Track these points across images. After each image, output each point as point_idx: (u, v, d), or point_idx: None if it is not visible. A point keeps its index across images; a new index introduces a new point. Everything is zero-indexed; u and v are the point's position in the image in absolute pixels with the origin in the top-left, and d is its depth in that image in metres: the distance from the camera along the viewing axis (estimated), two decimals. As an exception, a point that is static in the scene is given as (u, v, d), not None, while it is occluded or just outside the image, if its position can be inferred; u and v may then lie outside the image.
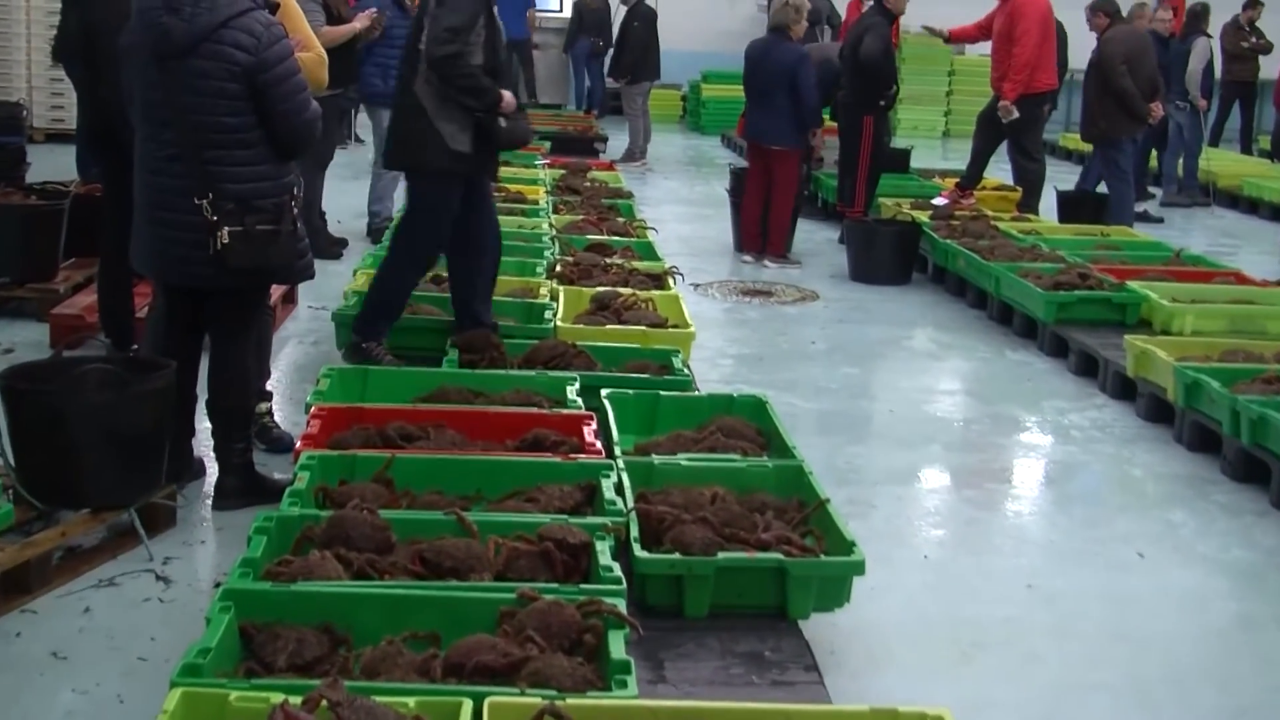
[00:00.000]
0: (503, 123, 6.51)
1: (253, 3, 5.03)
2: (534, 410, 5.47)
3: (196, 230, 4.95)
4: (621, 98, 16.11)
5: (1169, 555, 5.53)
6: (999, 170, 13.19)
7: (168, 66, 4.91)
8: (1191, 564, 5.46)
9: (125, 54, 5.12)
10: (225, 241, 4.93)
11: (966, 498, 6.20)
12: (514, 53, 21.17)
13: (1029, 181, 11.81)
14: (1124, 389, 7.54)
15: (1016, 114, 11.29)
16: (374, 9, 10.20)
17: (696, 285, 9.75)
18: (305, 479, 4.51)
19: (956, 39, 12.52)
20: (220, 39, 4.90)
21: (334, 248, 9.98)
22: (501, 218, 9.54)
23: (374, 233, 10.45)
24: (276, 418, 6.13)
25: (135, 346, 6.78)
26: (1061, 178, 14.32)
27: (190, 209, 4.94)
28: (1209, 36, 15.14)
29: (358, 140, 15.35)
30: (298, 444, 5.02)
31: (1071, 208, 12.19)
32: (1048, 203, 12.29)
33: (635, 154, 16.10)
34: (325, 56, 6.21)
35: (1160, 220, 13.72)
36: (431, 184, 6.58)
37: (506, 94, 6.50)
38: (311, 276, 5.52)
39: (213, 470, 5.46)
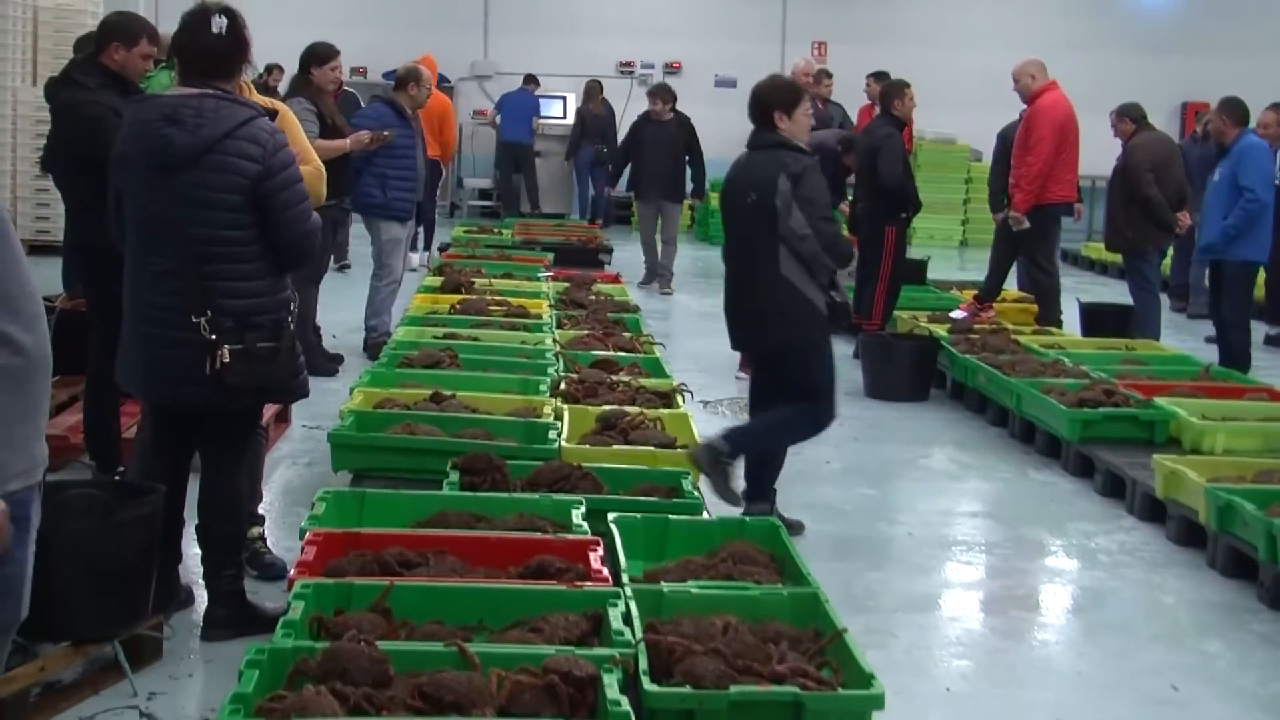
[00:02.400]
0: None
1: (254, 111, 5.11)
2: (538, 535, 5.47)
3: (193, 349, 4.98)
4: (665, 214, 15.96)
5: (1205, 689, 5.50)
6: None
7: (168, 179, 4.97)
8: (1229, 698, 5.43)
9: (117, 165, 5.17)
10: (225, 360, 4.96)
11: (991, 626, 6.19)
12: (517, 159, 21.48)
13: (1042, 293, 11.88)
14: (1153, 511, 7.53)
15: (1027, 224, 11.37)
16: (377, 128, 10.37)
17: (706, 403, 9.78)
18: (299, 608, 4.50)
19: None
20: (225, 149, 4.97)
21: (329, 364, 10.03)
22: (503, 333, 9.70)
23: (370, 348, 10.52)
24: (269, 543, 6.13)
25: (122, 469, 6.81)
26: (1084, 288, 14.39)
27: (186, 326, 4.98)
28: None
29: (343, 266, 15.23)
30: (291, 571, 5.02)
31: (1096, 320, 12.25)
32: (1072, 315, 12.34)
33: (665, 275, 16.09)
34: (324, 170, 6.31)
35: None
36: (825, 350, 6.79)
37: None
38: (307, 394, 5.56)
39: (201, 599, 5.46)
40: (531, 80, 21.47)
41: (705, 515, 6.11)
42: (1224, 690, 5.50)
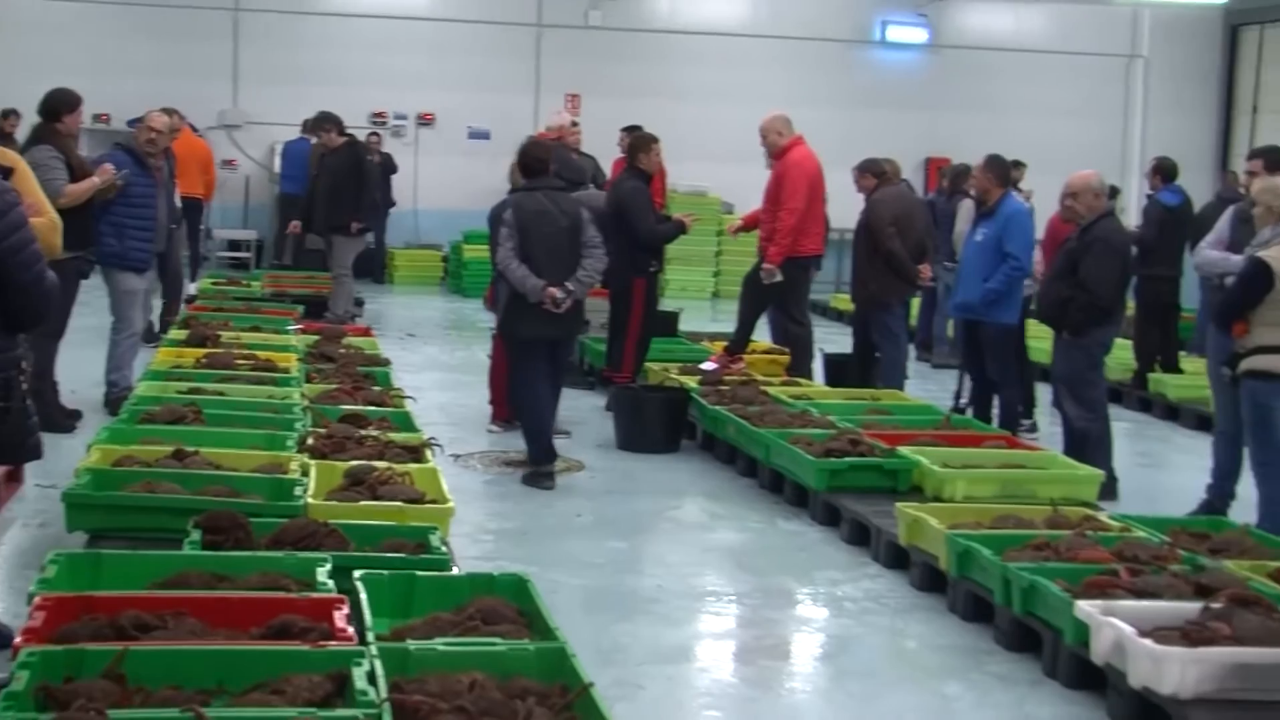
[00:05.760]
0: None
1: (-20, 168, 4.98)
2: (281, 595, 5.38)
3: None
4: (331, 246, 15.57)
5: (944, 731, 5.65)
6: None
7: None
8: (967, 739, 5.60)
9: None
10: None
11: (740, 676, 6.28)
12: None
13: (796, 345, 12.12)
14: (897, 558, 7.72)
15: (780, 278, 11.59)
16: (113, 166, 10.14)
17: (457, 456, 9.75)
18: (24, 678, 4.34)
19: (748, 225, 12.81)
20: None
21: (67, 420, 9.75)
22: (249, 388, 9.54)
23: (111, 403, 10.24)
24: (-4, 610, 5.92)
25: None
26: (833, 339, 14.71)
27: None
28: (973, 197, 15.78)
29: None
30: (17, 639, 4.84)
31: (839, 371, 12.55)
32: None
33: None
34: (59, 222, 6.14)
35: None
36: None
37: None
38: (39, 456, 5.40)
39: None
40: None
41: (454, 571, 6.08)
42: (963, 732, 5.66)
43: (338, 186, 15.06)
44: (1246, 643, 5.52)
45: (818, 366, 12.68)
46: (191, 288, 15.62)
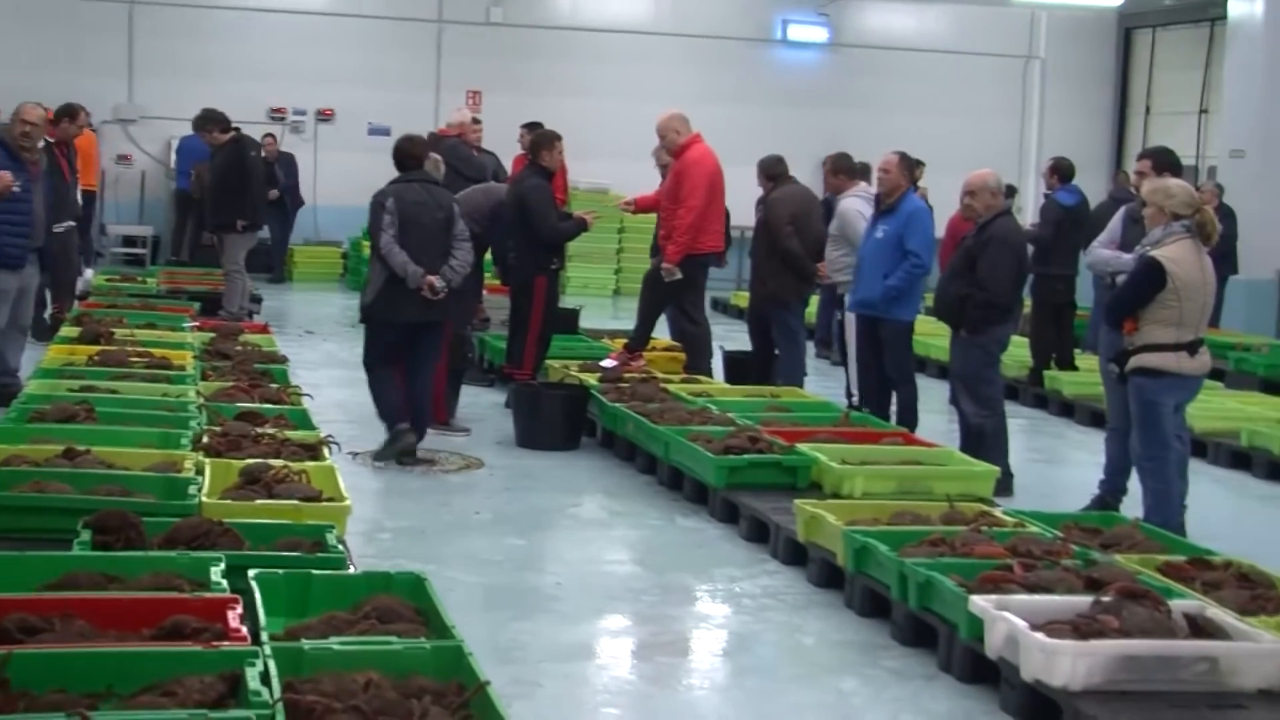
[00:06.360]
0: None
1: None
2: (173, 595, 5.31)
3: None
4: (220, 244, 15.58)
5: (840, 726, 5.69)
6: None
7: None
8: (863, 734, 5.64)
9: None
10: None
11: (638, 673, 6.28)
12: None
13: (691, 343, 12.14)
14: (796, 554, 7.75)
15: (679, 275, 11.62)
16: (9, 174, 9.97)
17: (355, 454, 9.68)
18: (-92, 682, 4.27)
19: (641, 207, 12.81)
20: None
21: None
22: (144, 385, 9.43)
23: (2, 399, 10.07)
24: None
25: None
26: (734, 336, 14.76)
27: None
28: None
29: None
30: (-99, 643, 4.75)
31: (737, 368, 12.60)
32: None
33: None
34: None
35: None
36: None
37: None
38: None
39: None
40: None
41: (350, 570, 6.04)
42: (859, 727, 5.70)
43: (223, 184, 15.04)
44: (1134, 635, 5.61)
45: (717, 364, 12.71)
46: (84, 282, 15.41)
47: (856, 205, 11.47)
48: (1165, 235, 8.10)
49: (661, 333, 12.72)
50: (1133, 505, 8.65)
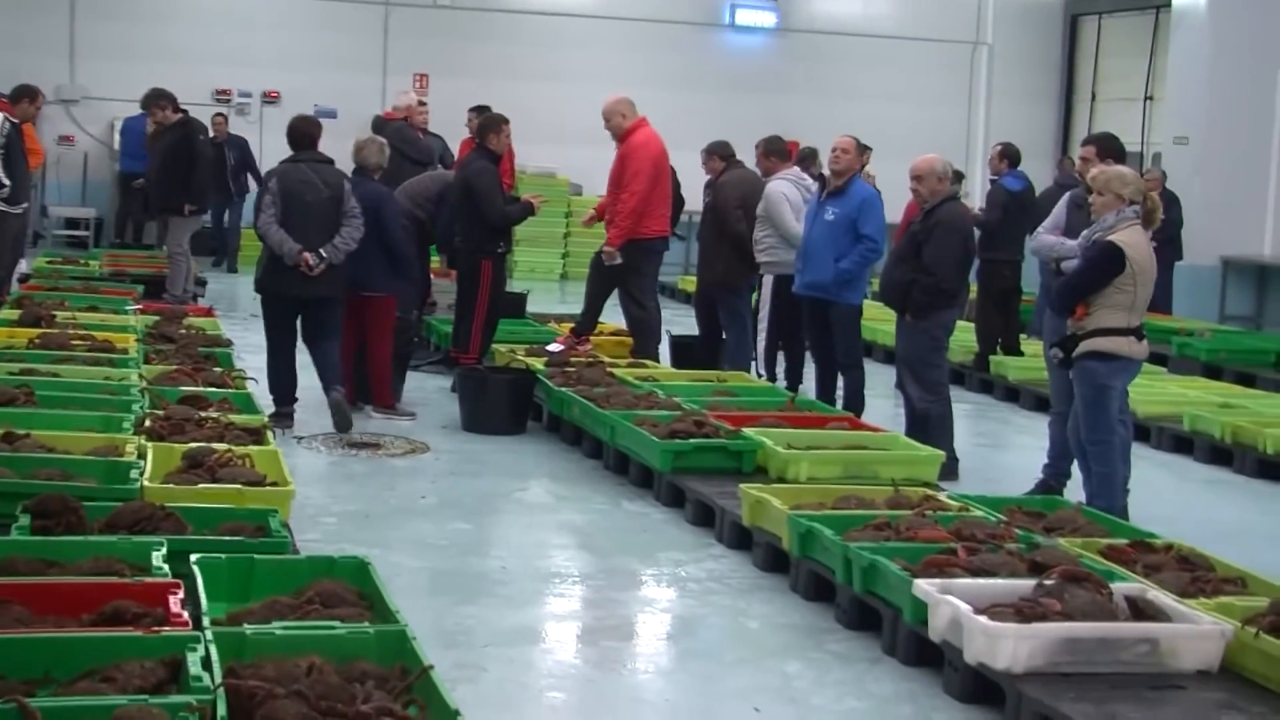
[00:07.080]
0: None
1: None
2: (113, 580, 5.28)
3: None
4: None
5: (785, 709, 5.70)
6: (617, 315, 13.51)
7: None
8: (807, 716, 5.66)
9: None
10: None
11: (584, 657, 6.28)
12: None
13: (638, 328, 12.10)
14: (741, 539, 7.76)
15: (620, 260, 11.60)
16: None
17: (300, 438, 9.64)
18: None
19: (600, 213, 12.65)
20: None
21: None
22: (86, 369, 9.36)
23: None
24: None
25: None
26: (681, 321, 14.77)
27: None
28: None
29: None
30: None
31: (684, 352, 12.60)
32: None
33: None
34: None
35: None
36: None
37: None
38: None
39: None
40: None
41: (293, 554, 6.01)
42: (803, 710, 5.71)
43: (169, 167, 14.90)
44: (1076, 618, 5.65)
45: (664, 348, 12.71)
46: (24, 265, 15.27)
47: (782, 188, 11.47)
48: (1119, 221, 8.13)
49: (615, 317, 12.70)
50: (1076, 489, 8.70)
